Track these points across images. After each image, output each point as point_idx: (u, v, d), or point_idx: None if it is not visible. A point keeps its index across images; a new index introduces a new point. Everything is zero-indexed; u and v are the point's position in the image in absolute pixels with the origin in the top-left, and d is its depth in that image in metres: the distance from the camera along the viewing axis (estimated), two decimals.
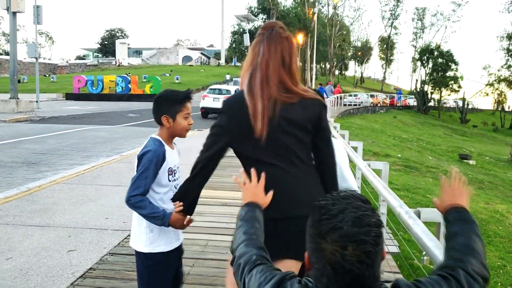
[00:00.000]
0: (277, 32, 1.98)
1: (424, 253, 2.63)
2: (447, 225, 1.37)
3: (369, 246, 1.04)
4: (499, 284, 5.50)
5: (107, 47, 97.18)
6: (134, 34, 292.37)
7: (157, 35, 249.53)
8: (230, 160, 3.31)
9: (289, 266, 1.80)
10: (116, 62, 79.79)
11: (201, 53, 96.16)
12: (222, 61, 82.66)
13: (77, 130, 15.30)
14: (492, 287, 5.26)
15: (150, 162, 2.26)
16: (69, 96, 40.19)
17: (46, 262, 3.96)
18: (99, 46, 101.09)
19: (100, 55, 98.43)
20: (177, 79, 51.99)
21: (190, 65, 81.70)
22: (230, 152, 2.05)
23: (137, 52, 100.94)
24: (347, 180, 2.71)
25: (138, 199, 2.24)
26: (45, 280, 3.61)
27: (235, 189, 6.34)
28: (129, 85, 40.27)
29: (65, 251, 4.23)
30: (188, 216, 2.24)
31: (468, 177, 14.09)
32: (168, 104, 2.36)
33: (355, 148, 5.38)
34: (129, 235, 4.69)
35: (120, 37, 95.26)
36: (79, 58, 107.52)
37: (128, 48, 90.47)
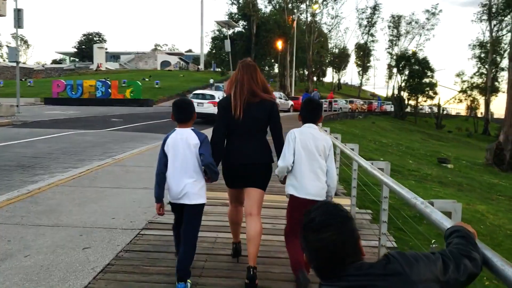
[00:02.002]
0: (247, 63, 3.69)
1: (433, 241, 2.90)
2: None
3: (334, 228, 1.38)
4: (485, 278, 5.82)
5: (84, 51, 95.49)
6: (111, 38, 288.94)
7: (135, 40, 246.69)
8: None
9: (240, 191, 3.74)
10: (97, 66, 78.63)
11: (180, 58, 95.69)
12: (201, 66, 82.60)
13: (63, 134, 15.23)
14: (478, 281, 5.59)
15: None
16: (48, 101, 39.61)
17: (64, 259, 4.10)
18: (75, 50, 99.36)
19: (77, 60, 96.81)
20: (157, 83, 51.83)
21: (169, 70, 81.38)
22: None
23: (115, 57, 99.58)
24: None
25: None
26: (67, 275, 3.75)
27: None
28: (109, 89, 39.95)
29: (80, 248, 4.37)
30: None
31: (448, 180, 14.61)
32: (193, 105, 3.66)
33: (352, 149, 5.65)
34: (139, 234, 4.88)
35: (98, 41, 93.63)
36: (55, 62, 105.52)
37: (106, 52, 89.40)
